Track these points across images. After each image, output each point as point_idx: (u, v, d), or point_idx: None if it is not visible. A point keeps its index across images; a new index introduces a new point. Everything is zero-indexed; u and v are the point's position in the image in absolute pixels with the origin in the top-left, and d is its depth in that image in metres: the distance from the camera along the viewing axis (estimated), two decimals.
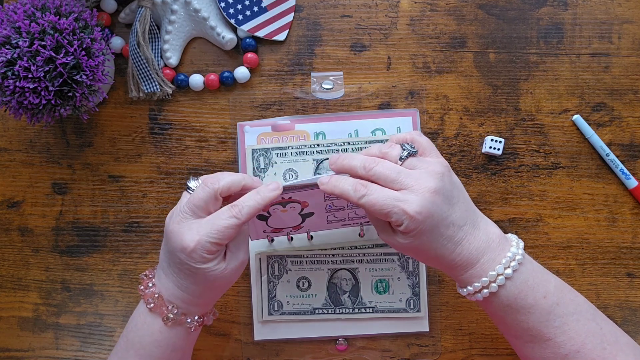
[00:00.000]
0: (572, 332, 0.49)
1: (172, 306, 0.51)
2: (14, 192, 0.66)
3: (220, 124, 0.65)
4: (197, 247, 0.48)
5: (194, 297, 0.52)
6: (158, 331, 0.52)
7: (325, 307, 0.64)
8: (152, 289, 0.52)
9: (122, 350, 0.53)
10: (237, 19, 0.64)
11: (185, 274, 0.51)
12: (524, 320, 0.50)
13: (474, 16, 0.65)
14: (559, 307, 0.50)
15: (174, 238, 0.49)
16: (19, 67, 0.54)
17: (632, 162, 0.65)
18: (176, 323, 0.52)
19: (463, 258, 0.50)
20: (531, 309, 0.49)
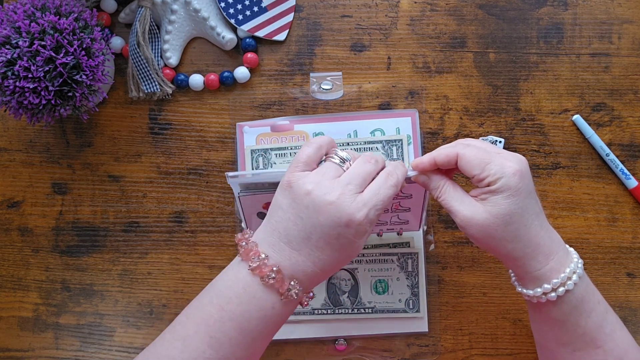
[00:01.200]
0: (618, 340, 0.50)
1: (294, 281, 0.47)
2: (14, 192, 0.66)
3: (220, 124, 0.65)
4: (365, 219, 0.47)
5: (323, 273, 0.48)
6: (270, 307, 0.47)
7: (325, 307, 0.64)
8: (266, 262, 0.47)
9: (216, 320, 0.48)
10: (237, 19, 0.64)
11: (333, 249, 0.47)
12: (583, 325, 0.49)
13: (474, 16, 0.65)
14: (609, 314, 0.51)
15: (335, 212, 0.46)
16: (19, 67, 0.54)
17: (632, 162, 0.65)
18: (294, 299, 0.48)
19: (546, 244, 0.48)
20: (591, 313, 0.49)
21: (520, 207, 0.47)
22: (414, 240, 0.64)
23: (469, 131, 0.65)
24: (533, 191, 0.49)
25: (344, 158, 0.50)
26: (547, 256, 0.49)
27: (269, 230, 0.49)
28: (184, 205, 0.65)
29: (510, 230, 0.48)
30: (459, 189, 0.51)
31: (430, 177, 0.51)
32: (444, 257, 0.65)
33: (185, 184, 0.65)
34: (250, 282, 0.47)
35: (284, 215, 0.48)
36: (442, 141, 0.65)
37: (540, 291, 0.49)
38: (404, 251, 0.64)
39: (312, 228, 0.47)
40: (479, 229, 0.48)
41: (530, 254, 0.49)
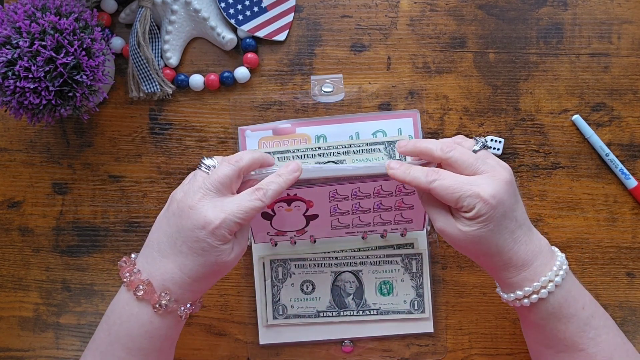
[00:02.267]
0: (603, 344, 0.50)
1: (164, 292, 0.49)
2: (14, 192, 0.66)
3: (220, 124, 0.65)
4: (222, 225, 0.48)
5: (193, 281, 0.50)
6: (148, 321, 0.49)
7: (330, 310, 0.64)
8: (138, 275, 0.50)
9: (105, 344, 0.50)
10: (237, 19, 0.64)
11: (196, 254, 0.49)
12: (562, 330, 0.50)
13: (473, 16, 0.65)
14: (594, 319, 0.51)
15: (195, 215, 0.48)
16: (20, 67, 0.54)
17: (631, 162, 0.65)
18: (168, 311, 0.49)
19: (519, 257, 0.50)
20: (571, 319, 0.50)
21: (490, 231, 0.48)
22: (418, 241, 0.64)
23: (468, 131, 0.65)
24: (511, 210, 0.49)
25: (209, 165, 0.51)
26: (519, 268, 0.50)
27: (146, 245, 0.51)
28: None
29: (479, 249, 0.50)
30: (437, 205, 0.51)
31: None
32: (444, 257, 0.65)
33: None
34: (128, 299, 0.50)
35: (158, 226, 0.51)
36: None
37: (513, 297, 0.51)
38: (408, 252, 0.64)
39: (177, 233, 0.49)
40: (450, 241, 0.51)
41: (501, 267, 0.50)
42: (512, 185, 0.49)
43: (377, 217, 0.60)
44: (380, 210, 0.60)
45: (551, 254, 0.51)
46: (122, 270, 0.51)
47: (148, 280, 0.49)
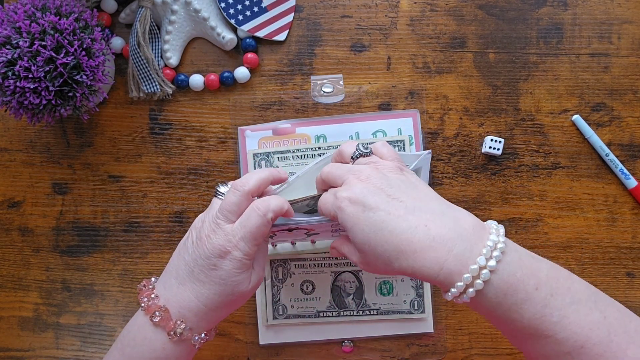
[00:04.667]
0: (573, 326, 0.43)
1: (180, 320, 0.49)
2: (14, 192, 0.66)
3: (220, 124, 0.65)
4: (236, 252, 0.49)
5: (209, 310, 0.50)
6: (161, 348, 0.49)
7: (330, 309, 0.64)
8: (155, 301, 0.50)
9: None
10: (237, 19, 0.64)
11: (213, 282, 0.49)
12: (517, 319, 0.44)
13: (473, 16, 0.65)
14: (554, 298, 0.44)
15: (210, 244, 0.49)
16: (20, 67, 0.54)
17: (631, 162, 0.65)
18: (182, 339, 0.50)
19: (424, 244, 0.43)
20: (524, 305, 0.43)
21: (364, 233, 0.45)
22: None
23: (468, 131, 0.65)
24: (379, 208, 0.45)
25: (223, 192, 0.52)
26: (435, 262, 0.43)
27: (166, 272, 0.52)
28: (184, 205, 0.65)
29: (381, 258, 0.45)
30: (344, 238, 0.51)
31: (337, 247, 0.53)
32: None
33: (186, 184, 0.65)
34: (143, 323, 0.50)
35: (178, 253, 0.52)
36: (442, 141, 0.65)
37: (450, 295, 0.44)
38: None
39: (194, 262, 0.50)
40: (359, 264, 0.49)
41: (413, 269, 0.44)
42: (376, 184, 0.46)
43: None
44: None
45: (479, 235, 0.44)
46: (141, 294, 0.51)
47: (165, 307, 0.50)
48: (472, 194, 0.65)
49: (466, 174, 0.65)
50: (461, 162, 0.65)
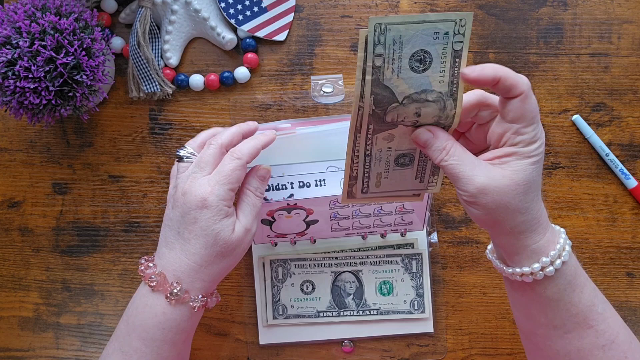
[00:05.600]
0: (610, 320, 0.47)
1: (175, 282, 0.50)
2: (14, 192, 0.66)
3: (220, 124, 0.65)
4: (211, 195, 0.49)
5: (199, 266, 0.50)
6: (161, 312, 0.51)
7: (330, 309, 0.64)
8: (153, 269, 0.51)
9: (124, 335, 0.52)
10: (237, 19, 0.64)
11: (197, 237, 0.50)
12: (576, 302, 0.46)
13: (473, 16, 0.65)
14: (597, 292, 0.48)
15: (188, 198, 0.50)
16: (20, 67, 0.54)
17: (631, 162, 0.65)
18: (180, 301, 0.50)
19: (544, 214, 0.46)
20: (584, 289, 0.46)
21: (539, 176, 0.44)
22: (418, 241, 0.64)
23: None
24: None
25: (191, 152, 0.54)
26: (545, 228, 0.46)
27: (158, 244, 0.53)
28: None
29: (526, 200, 0.44)
30: (469, 152, 0.45)
31: (436, 134, 0.44)
32: (444, 257, 0.65)
33: None
34: (144, 292, 0.52)
35: (164, 225, 0.53)
36: None
37: (538, 266, 0.45)
38: (408, 252, 0.64)
39: (178, 223, 0.51)
40: (496, 198, 0.43)
41: (534, 226, 0.45)
42: None
43: (377, 220, 0.61)
44: (380, 215, 0.60)
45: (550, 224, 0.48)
46: (140, 265, 0.52)
47: (160, 272, 0.51)
48: None
49: None
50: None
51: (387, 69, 0.39)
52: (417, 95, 0.41)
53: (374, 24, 0.37)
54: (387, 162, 0.47)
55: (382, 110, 0.42)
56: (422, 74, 0.40)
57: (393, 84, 0.40)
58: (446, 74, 0.40)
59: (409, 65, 0.39)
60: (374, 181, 0.49)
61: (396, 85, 0.40)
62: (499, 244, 0.47)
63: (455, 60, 0.40)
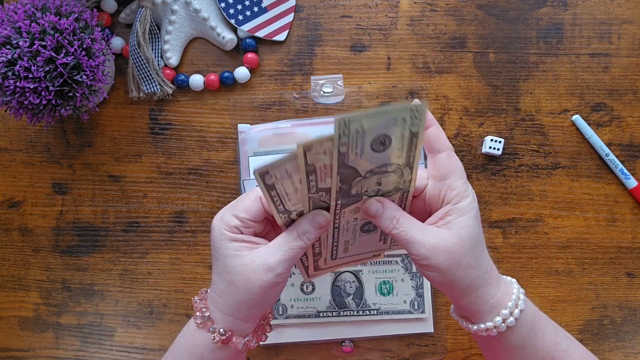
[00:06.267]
0: (575, 355, 0.49)
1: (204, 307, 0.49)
2: (14, 192, 0.66)
3: (220, 124, 0.65)
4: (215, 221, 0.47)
5: (216, 294, 0.48)
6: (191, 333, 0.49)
7: (330, 309, 0.64)
8: (203, 304, 0.49)
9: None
10: (237, 19, 0.64)
11: (217, 272, 0.48)
12: (541, 346, 0.48)
13: (473, 16, 0.65)
14: (558, 330, 0.49)
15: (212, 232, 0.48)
16: (20, 67, 0.54)
17: (631, 162, 0.65)
18: (224, 341, 0.48)
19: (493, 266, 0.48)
20: (545, 331, 0.48)
21: (480, 229, 0.46)
22: None
23: (469, 131, 0.65)
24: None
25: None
26: (498, 280, 0.47)
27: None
28: (184, 205, 0.65)
29: (475, 255, 0.46)
30: (416, 219, 0.47)
31: (385, 205, 0.47)
32: None
33: (186, 184, 0.65)
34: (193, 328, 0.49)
35: None
36: None
37: (499, 319, 0.46)
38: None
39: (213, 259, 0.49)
40: (447, 257, 0.45)
41: (488, 279, 0.47)
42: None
43: None
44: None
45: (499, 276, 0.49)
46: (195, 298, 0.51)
47: (206, 307, 0.49)
48: None
49: (466, 174, 0.65)
50: (461, 161, 0.65)
51: (351, 153, 0.43)
52: (378, 169, 0.44)
53: (338, 123, 0.41)
54: (354, 231, 0.50)
55: (348, 186, 0.45)
56: (382, 152, 0.43)
57: (356, 164, 0.44)
58: (404, 150, 0.44)
59: (370, 148, 0.43)
60: (342, 247, 0.52)
61: (359, 164, 0.44)
62: (461, 305, 0.48)
63: (413, 139, 0.43)
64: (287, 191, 0.44)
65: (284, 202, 0.45)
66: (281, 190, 0.44)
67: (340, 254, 0.52)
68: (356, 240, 0.52)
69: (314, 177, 0.44)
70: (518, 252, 0.65)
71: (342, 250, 0.52)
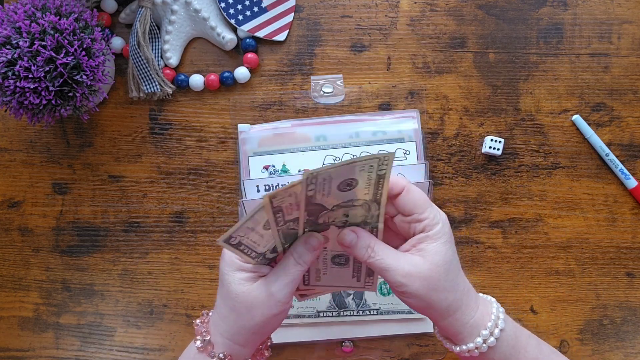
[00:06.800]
0: None
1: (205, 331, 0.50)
2: (14, 192, 0.66)
3: (220, 124, 0.65)
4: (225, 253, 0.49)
5: (219, 318, 0.49)
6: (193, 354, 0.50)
7: (330, 309, 0.64)
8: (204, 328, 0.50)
9: None
10: (237, 19, 0.64)
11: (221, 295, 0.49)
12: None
13: (473, 16, 0.65)
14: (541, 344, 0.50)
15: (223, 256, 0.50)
16: (20, 67, 0.54)
17: (631, 162, 0.65)
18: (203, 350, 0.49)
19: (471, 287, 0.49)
20: (527, 347, 0.49)
21: (454, 253, 0.47)
22: None
23: (469, 131, 0.65)
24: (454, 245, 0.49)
25: None
26: (476, 300, 0.48)
27: None
28: (184, 205, 0.65)
29: (450, 279, 0.47)
30: (391, 247, 0.48)
31: (359, 234, 0.48)
32: None
33: (186, 184, 0.65)
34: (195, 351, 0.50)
35: None
36: (442, 141, 0.65)
37: (480, 340, 0.47)
38: None
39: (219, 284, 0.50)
40: (422, 283, 0.46)
41: (466, 301, 0.48)
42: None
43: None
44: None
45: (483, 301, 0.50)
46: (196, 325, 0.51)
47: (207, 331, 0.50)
48: (472, 194, 0.65)
49: (466, 174, 0.65)
50: (461, 162, 0.65)
51: (318, 195, 0.44)
52: (344, 203, 0.46)
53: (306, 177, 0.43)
54: (324, 261, 0.52)
55: (315, 217, 0.47)
56: (348, 192, 0.45)
57: (323, 201, 0.45)
58: (371, 189, 0.46)
59: (337, 189, 0.45)
60: (314, 275, 0.53)
61: (326, 201, 0.46)
62: (442, 328, 0.49)
63: (380, 180, 0.45)
64: (253, 240, 0.47)
65: (255, 249, 0.48)
66: (248, 242, 0.47)
67: (312, 281, 0.54)
68: (328, 270, 0.53)
69: (281, 214, 0.45)
70: (518, 252, 0.65)
71: (314, 277, 0.53)
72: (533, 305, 0.65)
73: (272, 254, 0.50)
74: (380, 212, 0.47)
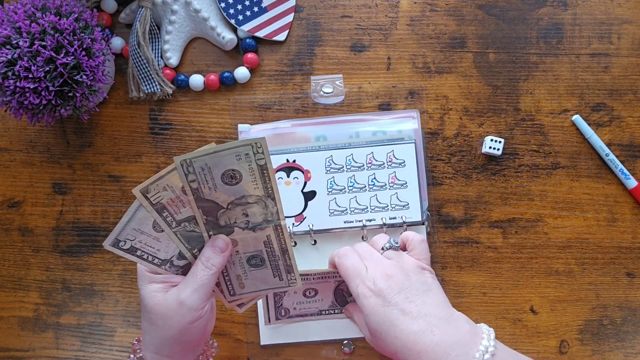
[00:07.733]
0: None
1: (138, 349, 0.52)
2: (14, 192, 0.66)
3: (220, 124, 0.65)
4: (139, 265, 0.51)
5: (143, 333, 0.52)
6: None
7: (332, 308, 0.64)
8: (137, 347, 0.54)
9: None
10: (237, 19, 0.64)
11: (141, 310, 0.51)
12: None
13: (473, 16, 0.65)
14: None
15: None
16: (20, 67, 0.54)
17: (631, 162, 0.65)
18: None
19: (428, 347, 0.47)
20: None
21: (378, 323, 0.48)
22: None
23: (468, 131, 0.65)
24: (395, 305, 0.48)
25: None
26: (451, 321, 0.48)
27: None
28: None
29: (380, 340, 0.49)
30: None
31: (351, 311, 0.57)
32: (444, 257, 0.65)
33: None
34: None
35: None
36: (442, 141, 0.65)
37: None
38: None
39: None
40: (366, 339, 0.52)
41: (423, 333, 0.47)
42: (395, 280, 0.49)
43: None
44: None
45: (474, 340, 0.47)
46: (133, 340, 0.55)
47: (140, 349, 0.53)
48: (472, 194, 0.65)
49: (466, 174, 0.65)
50: (461, 162, 0.65)
51: (204, 188, 0.46)
52: (238, 200, 0.47)
53: (179, 162, 0.44)
54: (241, 265, 0.52)
55: (214, 217, 0.48)
56: (236, 186, 0.47)
57: (213, 197, 0.47)
58: (259, 183, 0.47)
59: (222, 182, 0.46)
60: (237, 282, 0.54)
61: (216, 197, 0.47)
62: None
63: (264, 171, 0.47)
64: (149, 244, 0.48)
65: (155, 254, 0.48)
66: (143, 247, 0.48)
67: (237, 290, 0.54)
68: (248, 274, 0.53)
69: (167, 212, 0.46)
70: (518, 252, 0.65)
71: (237, 285, 0.54)
72: (533, 305, 0.65)
73: (181, 260, 0.51)
74: (278, 207, 0.48)
